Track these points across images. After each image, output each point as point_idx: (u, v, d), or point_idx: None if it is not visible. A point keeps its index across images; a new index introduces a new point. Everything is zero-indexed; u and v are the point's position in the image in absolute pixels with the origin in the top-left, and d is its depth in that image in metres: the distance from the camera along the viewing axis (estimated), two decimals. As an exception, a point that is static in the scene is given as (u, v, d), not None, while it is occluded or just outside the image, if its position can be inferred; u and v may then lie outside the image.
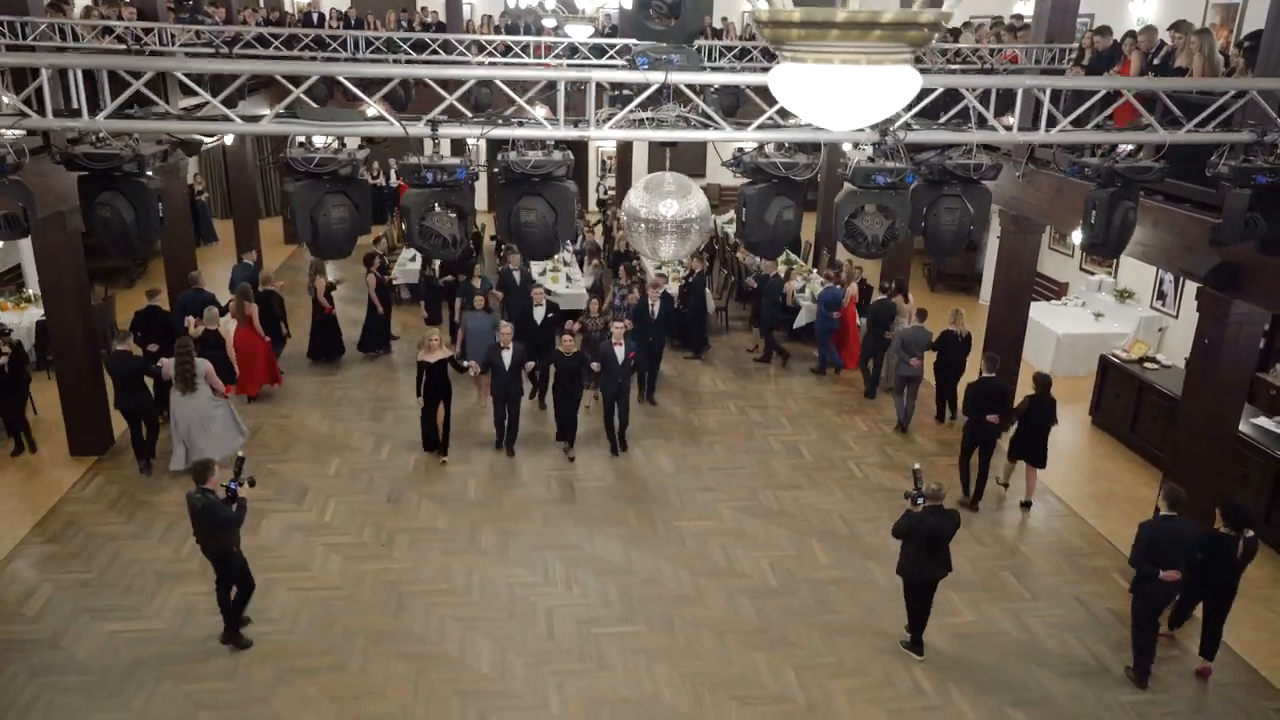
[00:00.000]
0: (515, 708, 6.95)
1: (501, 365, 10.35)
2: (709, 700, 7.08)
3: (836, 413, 12.32)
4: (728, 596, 8.35)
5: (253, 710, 6.82)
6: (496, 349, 10.39)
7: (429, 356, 10.18)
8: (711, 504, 9.92)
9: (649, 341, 11.98)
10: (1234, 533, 7.08)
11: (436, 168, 5.79)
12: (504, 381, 10.45)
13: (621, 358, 10.50)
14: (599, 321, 11.97)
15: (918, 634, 7.64)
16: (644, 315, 12.22)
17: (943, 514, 7.32)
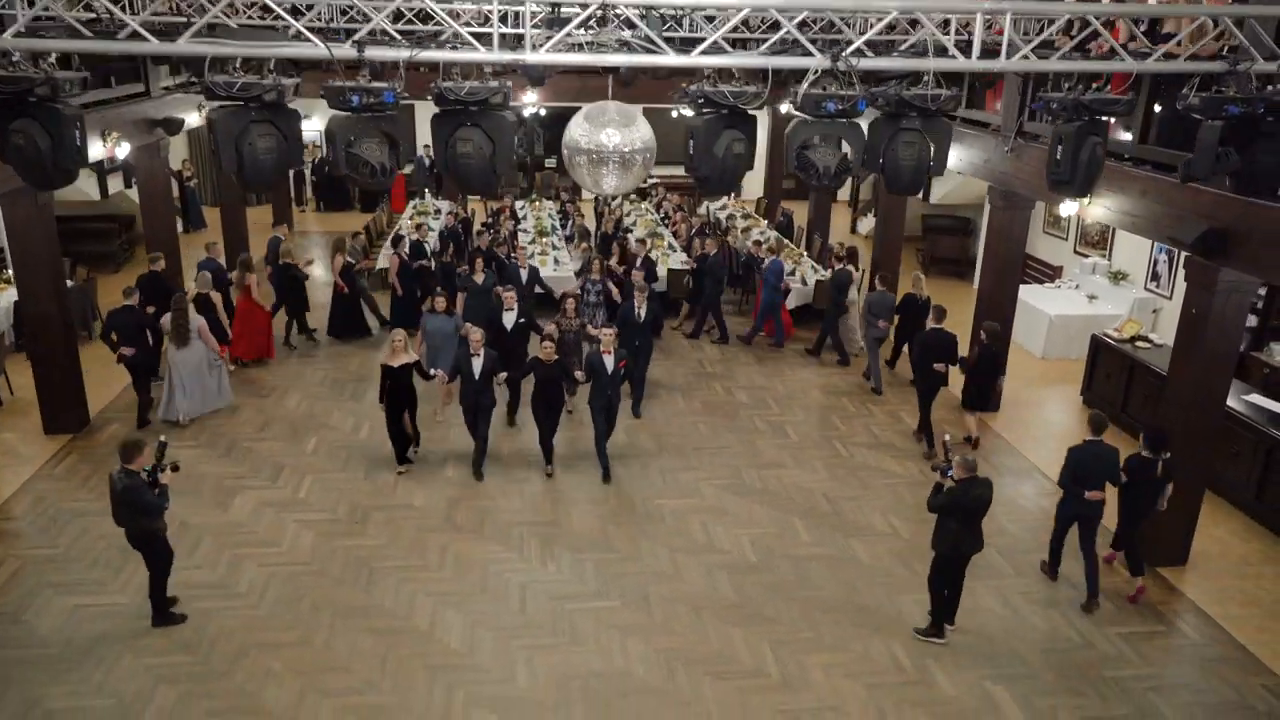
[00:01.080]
0: (483, 681, 6.79)
1: (471, 373, 9.32)
2: (682, 674, 6.92)
3: (825, 394, 12.15)
4: (706, 573, 8.19)
5: (214, 684, 6.67)
6: (466, 356, 9.37)
7: (392, 360, 9.32)
8: (693, 483, 9.75)
9: (635, 347, 10.90)
10: (1154, 455, 7.63)
11: (363, 90, 5.53)
12: (473, 391, 9.41)
13: (611, 367, 9.46)
14: (575, 323, 11.05)
15: (951, 614, 7.40)
16: (630, 318, 11.06)
17: (984, 484, 7.13)
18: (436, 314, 10.88)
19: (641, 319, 11.09)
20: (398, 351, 9.35)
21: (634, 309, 11.09)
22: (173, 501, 7.29)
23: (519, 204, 19.20)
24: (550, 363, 9.38)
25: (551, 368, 9.42)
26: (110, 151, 11.14)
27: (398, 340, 9.38)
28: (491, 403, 9.59)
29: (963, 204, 17.91)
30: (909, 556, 8.49)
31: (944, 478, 7.16)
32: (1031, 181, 10.11)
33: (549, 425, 9.72)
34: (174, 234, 13.66)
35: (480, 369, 9.30)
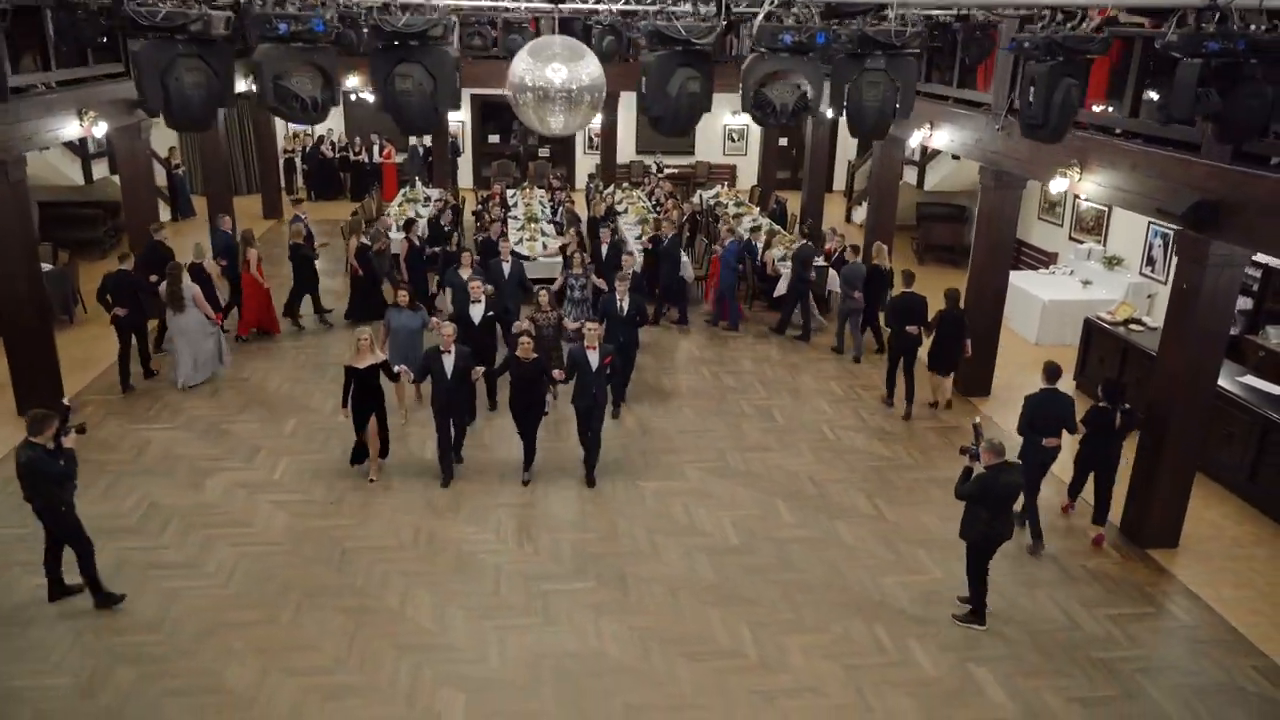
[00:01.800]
0: (453, 660, 6.62)
1: (442, 372, 8.58)
2: (657, 654, 6.75)
3: (814, 379, 11.97)
4: (685, 554, 8.01)
5: (175, 664, 6.50)
6: (436, 353, 8.61)
7: (357, 361, 8.58)
8: (676, 465, 9.58)
9: (620, 342, 10.18)
10: (1111, 406, 7.94)
11: (290, 18, 5.27)
12: (445, 391, 8.67)
13: (596, 364, 8.68)
14: (551, 317, 10.34)
15: (982, 602, 7.17)
16: (612, 312, 10.40)
17: (1015, 469, 6.93)
18: (401, 309, 10.15)
19: (624, 312, 10.42)
20: (363, 352, 8.58)
21: (615, 301, 10.46)
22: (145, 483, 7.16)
23: (510, 192, 19.01)
24: (528, 360, 8.66)
25: (530, 366, 8.68)
26: (87, 130, 10.97)
27: (363, 339, 8.61)
28: (465, 403, 8.98)
29: (957, 190, 17.72)
30: (893, 538, 8.32)
31: (972, 461, 6.97)
32: (1023, 160, 9.93)
33: (528, 429, 9.01)
34: (156, 219, 13.46)
35: (452, 367, 8.62)
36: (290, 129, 22.57)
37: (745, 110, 6.25)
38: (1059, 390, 8.16)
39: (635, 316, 10.64)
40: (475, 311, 9.95)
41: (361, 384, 8.64)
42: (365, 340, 8.62)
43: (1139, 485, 8.34)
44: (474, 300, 9.95)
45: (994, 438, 6.95)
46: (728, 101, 23.67)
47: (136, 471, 9.11)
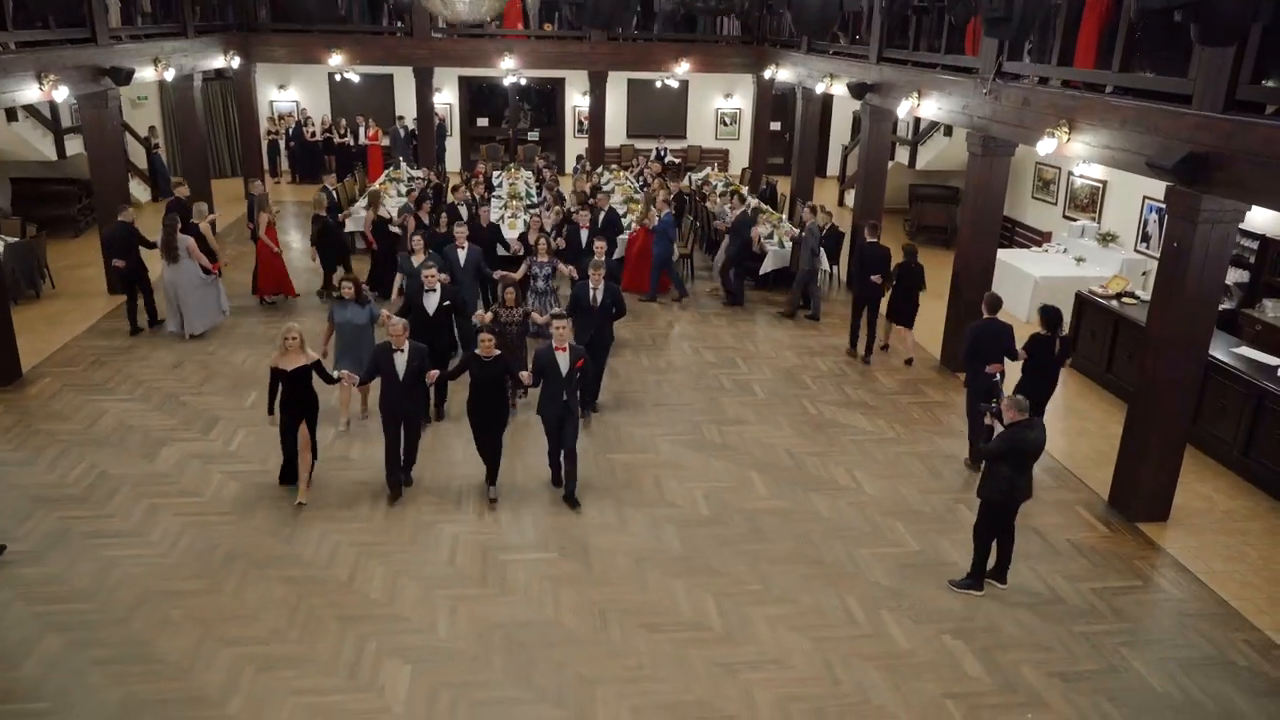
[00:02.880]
0: (400, 631, 6.28)
1: (394, 373, 7.60)
2: (615, 625, 6.41)
3: (797, 355, 11.62)
4: (652, 525, 7.67)
5: (106, 632, 6.16)
6: (386, 351, 7.60)
7: (284, 361, 7.55)
8: (649, 438, 9.24)
9: (590, 338, 9.13)
10: (1050, 333, 8.33)
11: None
12: (396, 395, 7.68)
13: (567, 367, 7.62)
14: (516, 313, 9.04)
15: (1003, 570, 6.91)
16: (584, 303, 9.27)
17: (1038, 426, 6.62)
18: (347, 302, 8.94)
19: (598, 303, 9.26)
20: (290, 350, 7.56)
21: (588, 291, 9.27)
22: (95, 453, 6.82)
23: (496, 174, 18.67)
24: (489, 359, 7.57)
25: (491, 366, 7.59)
26: (47, 95, 10.65)
27: (290, 336, 7.55)
28: (419, 410, 8.11)
29: (950, 170, 17.36)
30: (871, 511, 7.98)
31: (992, 420, 6.73)
32: (1011, 124, 9.58)
33: (489, 439, 7.88)
34: (126, 193, 13.14)
35: (405, 368, 7.61)
36: (275, 110, 22.24)
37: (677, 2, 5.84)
38: (999, 320, 8.60)
39: (611, 309, 9.39)
40: (430, 302, 8.91)
41: (290, 388, 7.61)
42: (293, 338, 7.57)
43: (1128, 456, 8.00)
44: (428, 289, 8.90)
45: (1018, 394, 6.63)
46: (721, 83, 23.56)
47: (87, 442, 8.78)
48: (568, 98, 23.46)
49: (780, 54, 18.21)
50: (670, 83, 22.55)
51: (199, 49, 15.87)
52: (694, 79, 22.85)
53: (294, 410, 7.70)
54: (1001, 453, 6.53)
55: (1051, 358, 8.36)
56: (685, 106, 23.64)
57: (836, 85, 14.67)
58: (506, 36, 19.21)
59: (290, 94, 22.54)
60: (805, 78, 16.52)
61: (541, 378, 7.69)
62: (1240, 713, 5.81)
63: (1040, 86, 9.19)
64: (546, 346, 7.65)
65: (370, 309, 9.05)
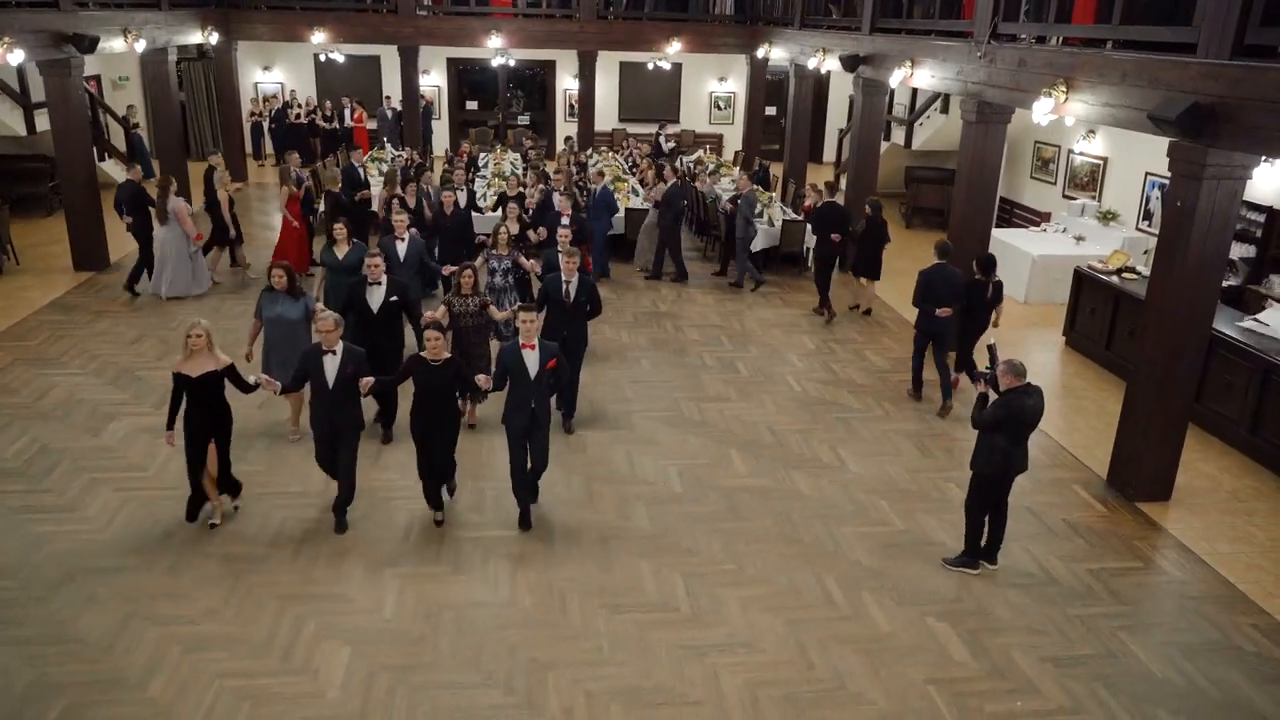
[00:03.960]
0: (342, 611, 5.84)
1: (323, 381, 6.41)
2: (576, 606, 5.96)
3: (784, 333, 11.17)
4: (621, 503, 7.23)
5: (24, 610, 5.72)
6: (315, 353, 6.45)
7: (188, 365, 6.32)
8: (624, 414, 8.79)
9: (563, 338, 7.93)
10: (985, 278, 9.01)
11: None
12: (327, 407, 6.49)
13: (536, 368, 6.50)
14: (472, 302, 7.85)
15: (993, 549, 6.48)
16: (556, 297, 8.09)
17: (1035, 392, 6.13)
18: (277, 293, 7.68)
19: (572, 298, 8.10)
20: (196, 352, 6.32)
21: (561, 284, 8.13)
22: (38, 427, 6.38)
23: (482, 155, 18.23)
24: (437, 363, 6.39)
25: (440, 371, 6.39)
26: (1, 58, 10.20)
27: (194, 333, 6.31)
28: (353, 423, 6.60)
29: (947, 151, 16.88)
30: (854, 489, 7.53)
31: (985, 386, 6.27)
32: (1006, 87, 9.11)
33: (436, 457, 6.65)
34: (91, 166, 12.69)
35: (336, 374, 6.41)
36: (259, 92, 21.78)
37: None
38: (949, 266, 9.05)
39: (585, 305, 8.26)
40: (374, 297, 7.78)
41: (196, 398, 6.35)
42: (198, 336, 6.30)
43: (1128, 432, 7.54)
44: (373, 282, 7.79)
45: (1013, 358, 6.17)
46: (714, 66, 23.08)
47: (32, 415, 8.34)
48: (559, 81, 23.00)
49: (773, 32, 17.75)
50: (663, 65, 22.06)
51: (174, 22, 15.40)
52: (687, 62, 22.38)
53: (199, 426, 6.43)
54: (997, 421, 6.08)
55: (984, 301, 9.03)
56: (679, 90, 23.16)
57: (829, 60, 14.21)
58: (494, 15, 18.76)
59: (275, 75, 22.09)
60: (798, 55, 16.06)
61: (505, 381, 6.58)
62: (1246, 699, 5.36)
63: (1037, 46, 8.74)
64: (512, 344, 6.55)
65: (305, 302, 7.78)
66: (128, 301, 11.45)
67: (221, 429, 6.61)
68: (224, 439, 6.63)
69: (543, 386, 6.59)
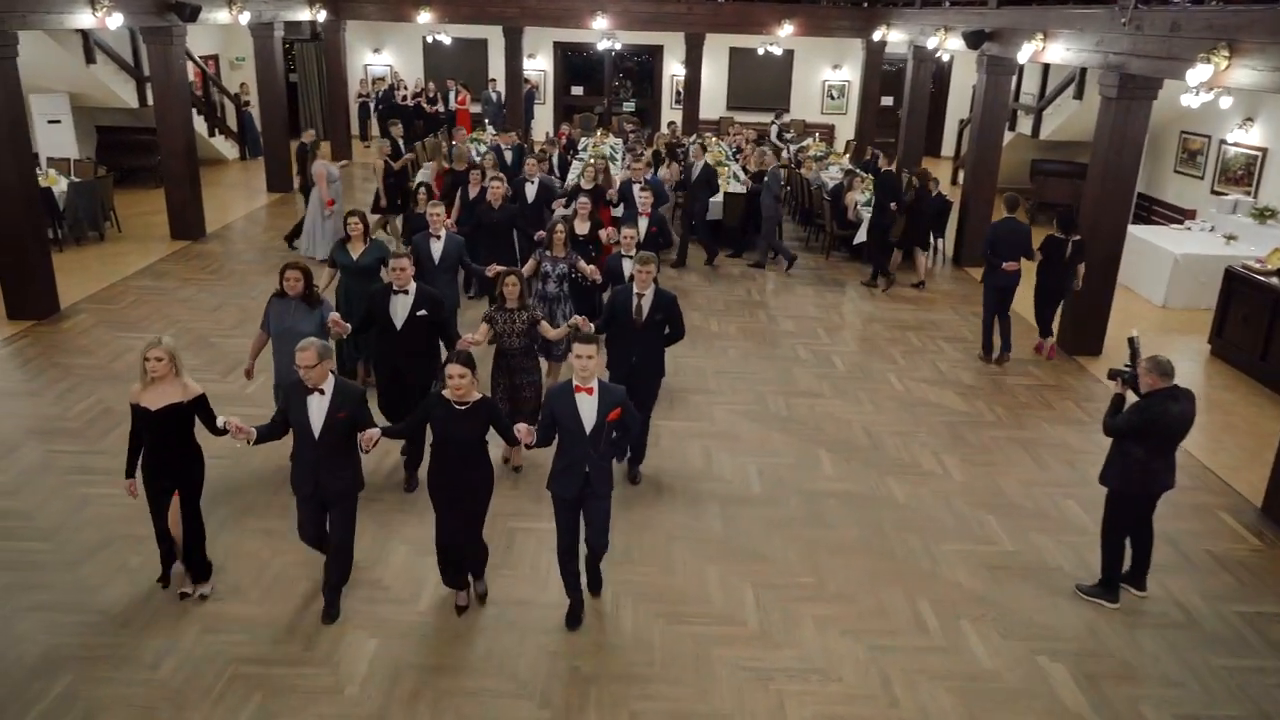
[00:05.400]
0: (374, 599, 5.36)
1: (306, 427, 4.80)
2: (629, 611, 5.33)
3: (887, 328, 10.27)
4: (693, 500, 6.56)
5: (52, 575, 5.44)
6: (298, 390, 4.81)
7: (148, 396, 4.86)
8: (705, 405, 8.11)
9: (632, 367, 6.37)
10: (1064, 235, 8.80)
11: None
12: (312, 464, 4.87)
13: (593, 419, 4.84)
14: (519, 319, 6.28)
15: (1140, 575, 5.59)
16: (624, 313, 6.35)
17: (1185, 396, 5.19)
18: (288, 298, 6.14)
19: (644, 315, 6.33)
20: (159, 379, 4.85)
21: (631, 297, 6.34)
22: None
23: (583, 140, 17.79)
24: (464, 406, 4.80)
25: (466, 418, 4.80)
26: (101, 22, 10.22)
27: (154, 357, 4.80)
28: (350, 486, 4.97)
29: (1078, 142, 15.53)
30: (958, 501, 6.66)
31: (1123, 387, 5.34)
32: (1154, 55, 8.04)
33: (459, 529, 5.03)
34: (190, 136, 12.72)
35: (324, 419, 4.79)
36: (368, 73, 21.93)
37: None
38: (1017, 219, 9.05)
39: (663, 326, 6.42)
40: (399, 309, 6.20)
41: (157, 437, 4.91)
42: (158, 359, 4.80)
43: (1290, 453, 6.45)
44: (397, 290, 6.19)
45: (1159, 355, 5.22)
46: (828, 52, 22.04)
47: (103, 377, 8.22)
48: (666, 67, 22.41)
49: (892, 13, 16.73)
50: (774, 52, 21.19)
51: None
52: (800, 48, 21.47)
53: (159, 472, 4.99)
54: (1135, 428, 5.15)
55: (1063, 259, 8.77)
56: (790, 78, 22.24)
57: (951, 39, 13.19)
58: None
59: (384, 57, 22.20)
60: (918, 35, 15.03)
61: (553, 434, 4.96)
62: None
63: (1194, 7, 7.65)
64: (562, 386, 4.93)
65: (322, 312, 6.15)
66: (216, 270, 11.43)
67: (188, 479, 5.09)
68: (192, 492, 5.12)
69: (602, 444, 4.95)
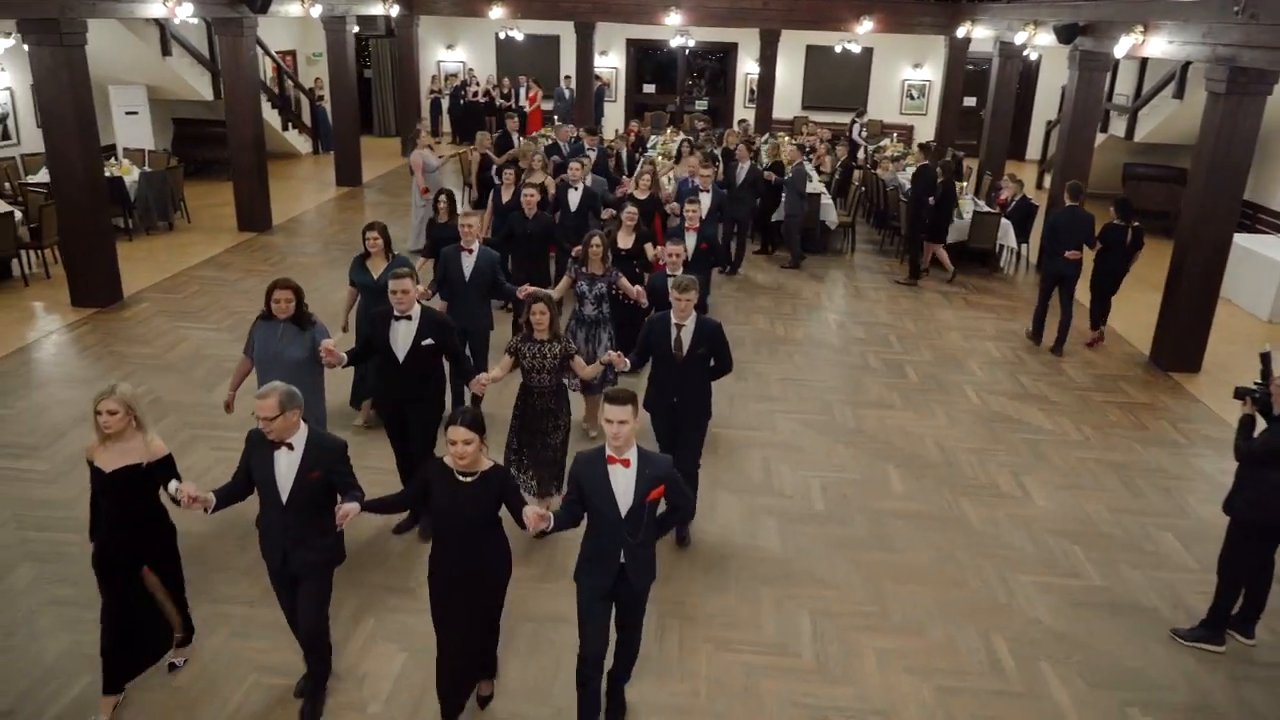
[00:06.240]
0: (408, 609, 5.07)
1: (273, 490, 3.98)
2: (675, 634, 4.95)
3: (964, 337, 9.69)
4: (749, 515, 6.15)
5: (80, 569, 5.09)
6: (264, 445, 3.97)
7: (101, 452, 4.04)
8: (767, 413, 7.68)
9: (672, 407, 5.42)
10: (1123, 222, 8.79)
11: None
12: (279, 532, 4.04)
13: (631, 498, 3.81)
14: (549, 352, 5.32)
15: (1252, 618, 5.04)
16: (661, 349, 5.35)
17: None
18: (276, 321, 5.31)
19: (685, 349, 5.30)
20: (118, 433, 4.01)
21: (669, 329, 5.29)
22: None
23: (652, 137, 17.46)
24: (470, 478, 3.82)
25: (472, 491, 3.83)
26: (171, 10, 10.25)
27: (106, 409, 3.95)
28: (322, 560, 4.09)
29: (1176, 145, 14.62)
30: (1039, 528, 6.12)
31: (1251, 406, 4.77)
32: (1272, 48, 7.34)
33: (460, 629, 4.03)
34: (259, 129, 12.74)
35: (294, 481, 3.94)
36: (441, 70, 21.96)
37: None
38: (1080, 208, 8.99)
39: (707, 359, 5.39)
40: (400, 338, 5.23)
41: (114, 504, 4.08)
42: (111, 412, 3.95)
43: None
44: (399, 315, 5.23)
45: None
46: (909, 51, 21.31)
47: (156, 366, 8.17)
48: (740, 65, 21.96)
49: (977, 9, 16.01)
50: (852, 49, 20.58)
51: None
52: (879, 46, 20.81)
53: (118, 549, 4.12)
54: (1271, 453, 4.58)
55: (1123, 246, 8.79)
56: (868, 77, 21.57)
57: (1041, 34, 12.48)
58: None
59: (458, 53, 22.21)
60: (1004, 31, 14.31)
61: (579, 514, 3.88)
62: None
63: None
64: (592, 455, 3.85)
65: (314, 335, 5.30)
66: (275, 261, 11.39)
67: (148, 547, 4.22)
68: (168, 562, 4.35)
69: (641, 530, 3.84)
